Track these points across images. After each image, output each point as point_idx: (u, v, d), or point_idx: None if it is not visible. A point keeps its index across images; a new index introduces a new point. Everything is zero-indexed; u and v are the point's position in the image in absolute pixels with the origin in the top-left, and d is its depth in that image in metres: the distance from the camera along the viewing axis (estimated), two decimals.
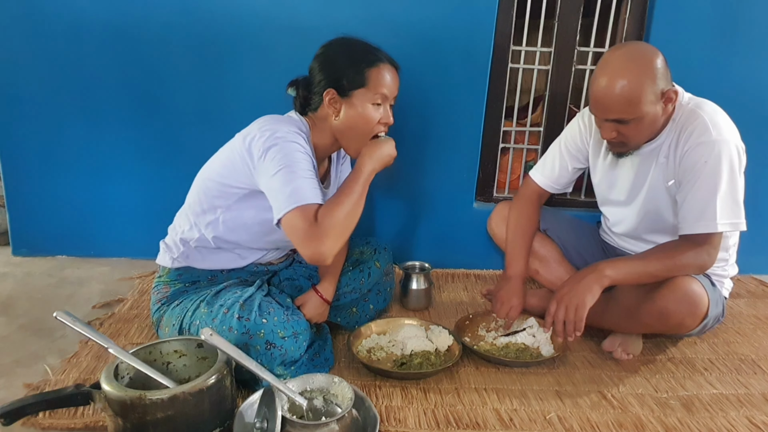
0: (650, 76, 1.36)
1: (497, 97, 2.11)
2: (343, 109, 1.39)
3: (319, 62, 1.41)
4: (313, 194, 1.28)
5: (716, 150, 1.39)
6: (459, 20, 1.96)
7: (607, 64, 1.39)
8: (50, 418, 1.24)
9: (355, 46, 1.41)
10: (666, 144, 1.50)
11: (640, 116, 1.39)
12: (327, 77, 1.38)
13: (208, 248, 1.49)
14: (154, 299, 1.52)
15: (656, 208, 1.57)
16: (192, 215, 1.48)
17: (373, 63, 1.38)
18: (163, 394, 1.04)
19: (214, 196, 1.43)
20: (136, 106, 2.04)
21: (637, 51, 1.40)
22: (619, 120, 1.41)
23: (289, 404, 1.15)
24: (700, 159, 1.41)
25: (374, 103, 1.39)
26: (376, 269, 1.70)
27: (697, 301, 1.45)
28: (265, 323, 1.30)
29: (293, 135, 1.33)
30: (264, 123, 1.36)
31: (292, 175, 1.27)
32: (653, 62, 1.37)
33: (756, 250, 2.15)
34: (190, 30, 1.95)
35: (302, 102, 1.45)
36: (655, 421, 1.32)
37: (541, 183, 1.77)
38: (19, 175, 2.11)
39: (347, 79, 1.36)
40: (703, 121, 1.42)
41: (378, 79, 1.37)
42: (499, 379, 1.49)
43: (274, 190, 1.29)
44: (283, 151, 1.30)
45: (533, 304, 1.80)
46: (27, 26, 1.94)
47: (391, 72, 1.41)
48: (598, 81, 1.40)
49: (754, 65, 2.04)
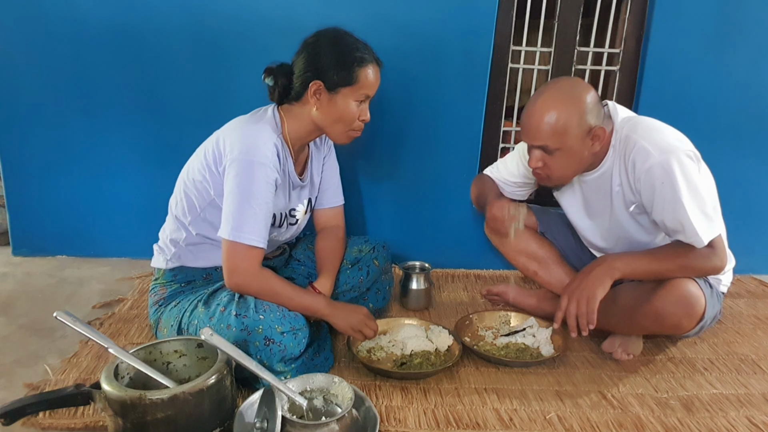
0: (579, 109, 1.39)
1: (497, 97, 2.11)
2: (326, 103, 1.41)
3: (307, 53, 1.40)
4: (258, 236, 1.36)
5: (665, 168, 1.37)
6: (459, 20, 1.96)
7: (540, 93, 1.43)
8: (50, 418, 1.24)
9: (345, 41, 1.41)
10: (614, 172, 1.50)
11: (564, 147, 1.41)
12: (315, 69, 1.39)
13: (198, 246, 1.51)
14: (152, 302, 1.53)
15: (624, 231, 1.58)
16: (177, 215, 1.51)
17: (363, 63, 1.39)
18: (163, 394, 1.04)
19: (194, 195, 1.46)
20: (136, 106, 2.04)
21: (570, 85, 1.44)
22: (544, 148, 1.43)
23: (289, 404, 1.15)
24: (656, 182, 1.39)
25: (357, 101, 1.42)
26: (375, 267, 1.70)
27: (693, 302, 1.44)
28: (262, 319, 1.31)
29: (265, 156, 1.35)
30: (242, 131, 1.39)
31: (247, 204, 1.34)
32: (583, 97, 1.40)
33: (756, 250, 2.15)
34: (191, 30, 1.95)
35: (281, 91, 1.44)
36: (655, 421, 1.32)
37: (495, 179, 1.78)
38: (19, 175, 2.11)
39: (336, 75, 1.38)
40: (640, 146, 1.41)
41: (366, 79, 1.40)
42: (499, 379, 1.49)
43: (226, 207, 1.36)
44: (250, 176, 1.34)
45: (533, 304, 1.80)
46: (27, 27, 1.95)
47: (377, 72, 1.44)
48: (528, 107, 1.44)
49: (754, 65, 2.04)
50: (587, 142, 1.43)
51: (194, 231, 1.49)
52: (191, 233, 1.49)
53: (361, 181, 2.14)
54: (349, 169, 2.10)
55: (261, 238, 1.37)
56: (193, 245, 1.51)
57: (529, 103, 1.45)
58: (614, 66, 2.11)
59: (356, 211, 2.17)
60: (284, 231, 1.57)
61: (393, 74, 2.00)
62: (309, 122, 1.45)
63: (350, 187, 2.12)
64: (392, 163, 2.12)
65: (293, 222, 1.58)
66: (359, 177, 2.14)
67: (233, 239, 1.35)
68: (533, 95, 1.46)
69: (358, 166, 2.12)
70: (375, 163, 2.12)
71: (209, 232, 1.48)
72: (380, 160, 2.12)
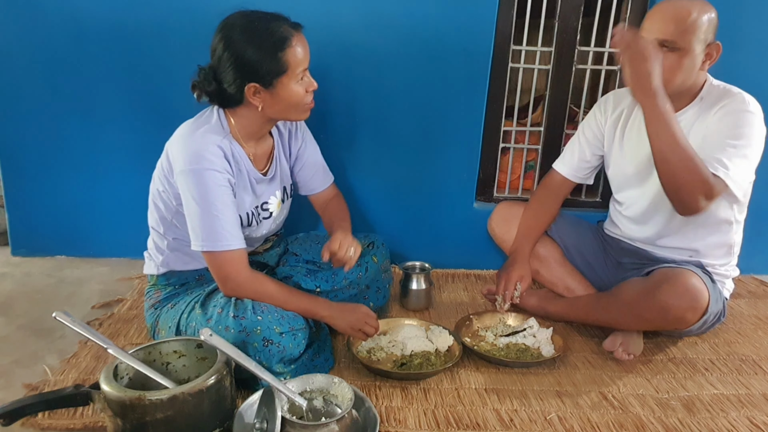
0: (707, 17, 1.41)
1: (497, 97, 2.11)
2: (269, 98, 1.36)
3: (226, 56, 1.32)
4: (231, 237, 1.34)
5: (750, 119, 1.44)
6: (459, 20, 1.95)
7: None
8: (49, 419, 1.24)
9: (257, 28, 1.32)
10: (690, 120, 1.53)
11: (686, 47, 1.41)
12: (242, 72, 1.32)
13: (182, 250, 1.50)
14: (147, 305, 1.53)
15: None
16: (152, 225, 1.52)
17: (284, 44, 1.31)
18: (162, 395, 1.04)
19: (161, 205, 1.46)
20: (136, 106, 2.03)
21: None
22: (667, 42, 1.41)
23: (288, 405, 1.15)
24: (732, 118, 1.44)
25: (297, 80, 1.37)
26: (374, 264, 1.70)
27: (697, 295, 1.45)
28: (260, 320, 1.31)
29: (211, 162, 1.32)
30: (185, 140, 1.37)
31: (208, 213, 1.33)
32: (711, 10, 1.43)
33: (756, 250, 2.14)
34: (190, 30, 1.95)
35: (220, 101, 1.40)
36: (655, 422, 1.32)
37: (562, 172, 1.81)
38: (18, 175, 2.10)
39: (265, 70, 1.32)
40: (741, 96, 1.48)
41: (295, 58, 1.33)
42: (499, 379, 1.49)
43: (190, 220, 1.36)
44: (202, 185, 1.32)
45: (533, 304, 1.80)
46: (27, 26, 1.94)
47: (302, 41, 1.36)
48: (658, 4, 1.45)
49: (754, 65, 2.03)
50: (702, 56, 1.45)
51: (171, 237, 1.48)
52: (170, 240, 1.49)
53: (360, 181, 2.14)
54: (348, 168, 2.10)
55: (235, 238, 1.35)
56: (177, 250, 1.50)
57: (658, 3, 1.46)
58: (615, 66, 2.10)
59: (356, 210, 2.16)
60: (257, 227, 1.54)
61: (393, 74, 2.02)
62: (259, 118, 1.41)
63: (350, 187, 2.12)
64: (392, 162, 2.12)
65: (267, 216, 1.55)
66: (359, 177, 2.13)
67: (209, 250, 1.34)
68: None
69: (357, 165, 2.11)
70: (375, 163, 2.12)
71: (186, 237, 1.44)
72: (380, 160, 2.12)
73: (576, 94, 2.17)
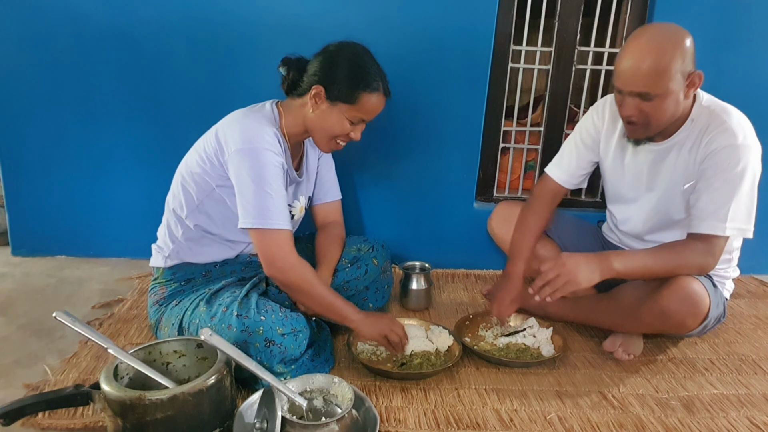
0: (680, 53, 1.34)
1: (497, 97, 2.11)
2: (322, 110, 1.43)
3: (323, 58, 1.43)
4: (282, 218, 1.37)
5: (744, 156, 1.40)
6: (459, 20, 1.95)
7: (637, 37, 1.39)
8: (50, 419, 1.24)
9: (363, 61, 1.42)
10: (685, 145, 1.49)
11: (664, 93, 1.37)
12: (323, 76, 1.41)
13: (196, 240, 1.51)
14: (151, 302, 1.53)
15: (667, 208, 1.57)
16: (174, 208, 1.52)
17: (369, 88, 1.40)
18: (162, 395, 1.04)
19: (192, 188, 1.47)
20: (136, 107, 2.04)
21: (669, 28, 1.39)
22: (642, 95, 1.38)
23: (288, 404, 1.15)
24: (725, 161, 1.40)
25: (351, 121, 1.44)
26: (374, 266, 1.70)
27: (698, 301, 1.45)
28: (263, 320, 1.31)
29: (268, 143, 1.37)
30: (241, 123, 1.40)
31: (262, 190, 1.35)
32: (684, 41, 1.36)
33: (756, 250, 2.14)
34: (191, 30, 1.95)
35: (290, 84, 1.47)
36: (655, 422, 1.32)
37: (557, 178, 1.74)
38: (18, 175, 2.10)
39: (341, 89, 1.40)
40: (730, 125, 1.42)
41: (367, 105, 1.42)
42: (499, 379, 1.49)
43: (242, 197, 1.36)
44: (258, 163, 1.35)
45: (533, 304, 1.79)
46: (27, 26, 1.94)
47: (382, 102, 1.45)
48: (627, 52, 1.39)
49: (754, 65, 2.04)
50: (684, 88, 1.39)
51: (191, 224, 1.49)
52: (188, 227, 1.49)
53: (361, 181, 2.14)
54: (349, 169, 2.10)
55: (284, 220, 1.37)
56: (191, 240, 1.51)
57: (627, 49, 1.38)
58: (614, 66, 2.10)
59: (356, 210, 2.17)
60: None
61: (393, 74, 1.99)
62: (302, 121, 1.47)
63: (350, 187, 2.12)
64: (392, 162, 2.12)
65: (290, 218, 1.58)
66: (359, 177, 2.13)
67: (259, 227, 1.35)
68: (629, 40, 1.40)
69: (358, 165, 2.11)
70: (375, 163, 2.12)
71: (208, 224, 1.49)
72: (380, 160, 2.12)
73: (576, 94, 2.17)
